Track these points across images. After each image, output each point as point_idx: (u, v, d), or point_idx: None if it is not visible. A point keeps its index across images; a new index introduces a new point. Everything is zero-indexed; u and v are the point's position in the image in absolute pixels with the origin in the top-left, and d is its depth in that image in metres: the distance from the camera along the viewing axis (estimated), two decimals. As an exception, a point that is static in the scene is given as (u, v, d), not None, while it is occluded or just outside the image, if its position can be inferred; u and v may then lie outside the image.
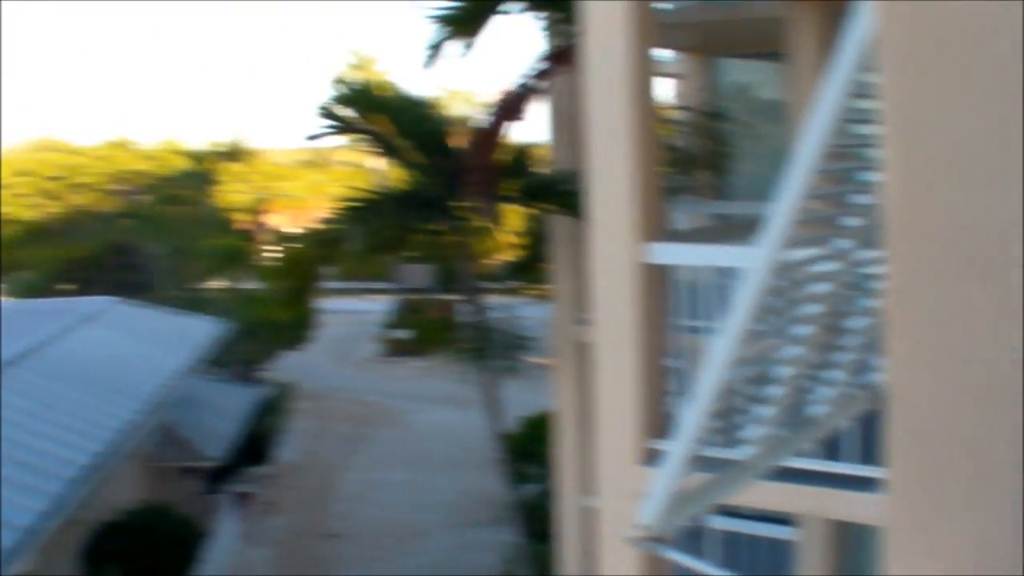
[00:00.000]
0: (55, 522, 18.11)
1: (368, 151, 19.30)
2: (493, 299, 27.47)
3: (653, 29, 8.77)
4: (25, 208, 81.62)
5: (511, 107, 15.47)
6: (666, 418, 8.36)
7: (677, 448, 5.03)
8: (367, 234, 16.85)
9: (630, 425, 8.49)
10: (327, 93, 17.64)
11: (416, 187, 17.81)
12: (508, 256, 43.62)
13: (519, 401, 23.42)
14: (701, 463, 5.04)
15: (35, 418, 22.46)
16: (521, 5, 15.09)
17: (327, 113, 17.26)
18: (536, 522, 23.18)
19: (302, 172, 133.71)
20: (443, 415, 45.97)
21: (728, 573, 10.71)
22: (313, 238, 20.16)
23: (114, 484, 23.40)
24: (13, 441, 20.65)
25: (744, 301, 4.79)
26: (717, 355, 4.93)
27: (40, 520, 17.69)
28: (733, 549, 12.92)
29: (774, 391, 5.25)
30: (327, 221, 19.32)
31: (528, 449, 27.35)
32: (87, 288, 53.49)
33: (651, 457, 8.24)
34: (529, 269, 32.23)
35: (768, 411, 5.28)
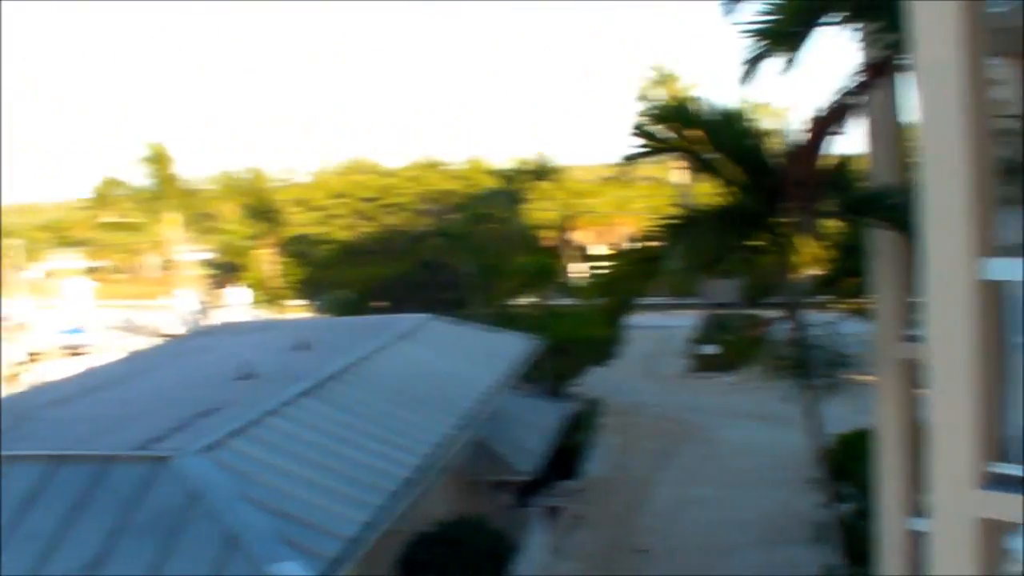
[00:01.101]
0: (376, 533, 18.54)
1: (681, 168, 19.23)
2: (811, 315, 26.85)
3: (985, 34, 8.46)
4: (340, 229, 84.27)
5: (830, 121, 15.16)
6: (1007, 440, 8.04)
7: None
8: (686, 252, 16.74)
9: (967, 447, 8.19)
10: (636, 111, 17.61)
11: (734, 203, 17.57)
12: (817, 270, 42.79)
13: (832, 418, 22.83)
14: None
15: (356, 432, 23.09)
16: (840, 16, 14.76)
17: (640, 132, 17.21)
18: (852, 543, 22.59)
19: (606, 188, 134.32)
20: (752, 431, 45.37)
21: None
22: (632, 256, 20.04)
23: (430, 496, 23.84)
24: (336, 454, 21.31)
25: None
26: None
27: (362, 531, 18.15)
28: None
29: None
30: (646, 239, 19.21)
31: (843, 467, 26.63)
32: (400, 305, 54.89)
33: (991, 480, 7.94)
34: (839, 283, 31.52)
35: None
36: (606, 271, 20.61)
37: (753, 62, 14.90)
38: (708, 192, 24.25)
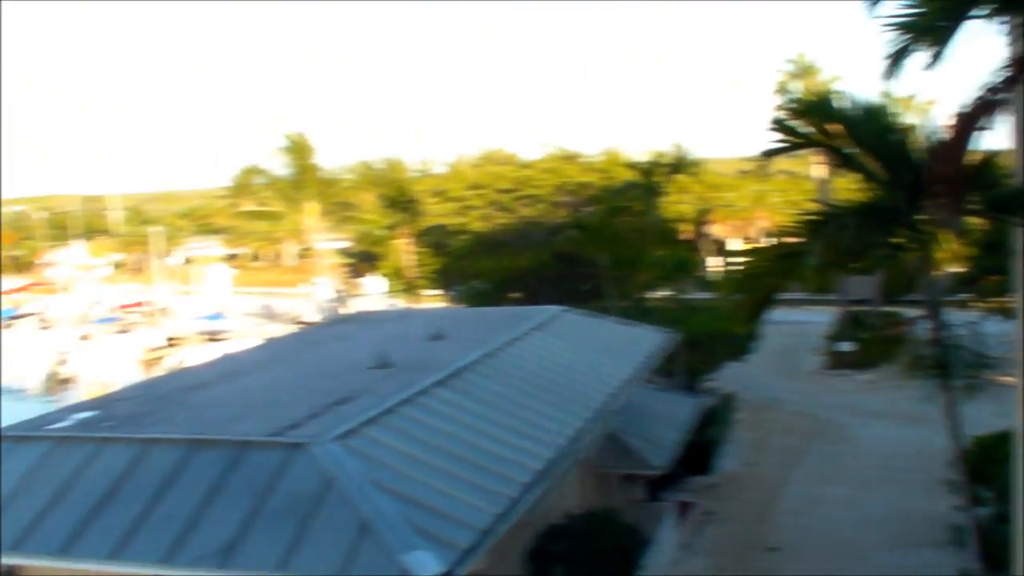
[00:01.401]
0: (507, 524, 18.57)
1: (821, 162, 18.98)
2: (952, 313, 26.33)
3: None
4: (476, 220, 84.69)
5: (975, 117, 14.83)
6: None
7: None
8: (825, 248, 16.52)
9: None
10: (775, 104, 17.42)
11: (876, 199, 17.30)
12: (959, 268, 42.03)
13: (971, 419, 22.33)
14: None
15: (490, 423, 23.15)
16: (988, 10, 14.44)
17: (780, 126, 17.02)
18: (990, 548, 22.15)
19: (743, 182, 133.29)
20: (887, 430, 44.76)
21: None
22: (771, 252, 19.84)
23: (561, 488, 23.84)
24: (470, 444, 21.39)
25: None
26: None
27: (495, 522, 18.19)
28: None
29: None
30: (785, 234, 19.02)
31: (981, 470, 26.11)
32: (534, 297, 55.00)
33: None
34: (981, 282, 30.99)
35: None
36: (744, 266, 20.33)
37: (897, 56, 14.65)
38: (848, 187, 23.91)
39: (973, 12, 14.42)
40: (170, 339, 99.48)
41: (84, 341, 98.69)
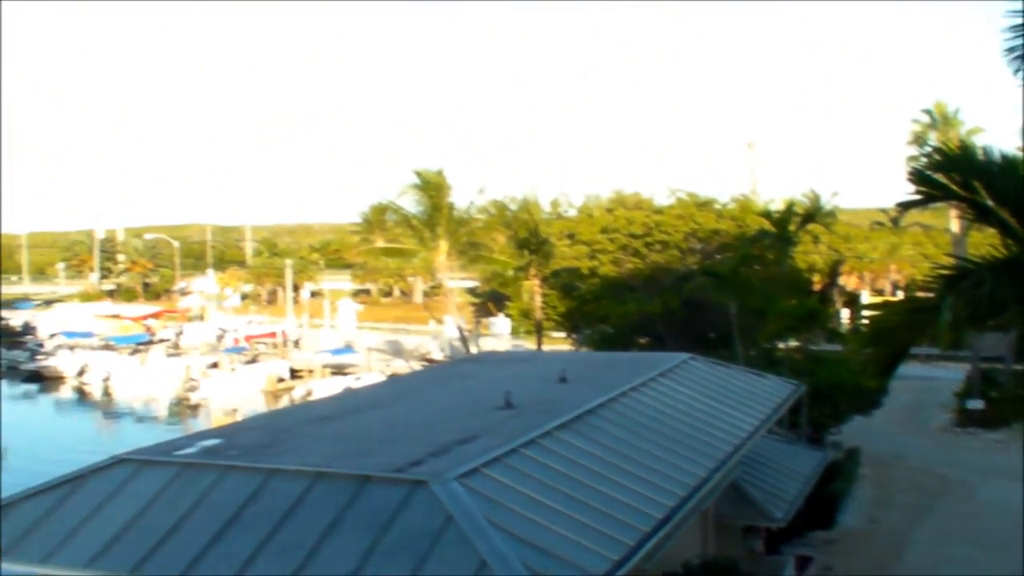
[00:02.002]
0: (625, 571, 18.40)
1: (959, 215, 18.63)
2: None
3: None
4: (606, 264, 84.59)
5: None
6: None
7: None
8: (961, 304, 16.17)
9: None
10: (911, 156, 17.16)
11: (1014, 255, 16.91)
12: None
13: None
14: None
15: (611, 468, 22.99)
16: None
17: (919, 178, 16.74)
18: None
19: (876, 234, 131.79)
20: (1015, 492, 43.70)
21: None
22: (904, 305, 19.53)
23: (680, 537, 23.60)
24: (590, 489, 21.25)
25: None
26: None
27: (612, 568, 18.02)
28: None
29: None
30: (919, 288, 18.73)
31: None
32: (661, 343, 54.81)
33: None
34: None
35: None
36: (875, 319, 19.99)
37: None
38: (985, 242, 23.45)
39: None
40: (297, 371, 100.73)
41: (212, 369, 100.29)
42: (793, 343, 55.89)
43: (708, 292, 56.50)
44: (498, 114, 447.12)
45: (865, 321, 65.45)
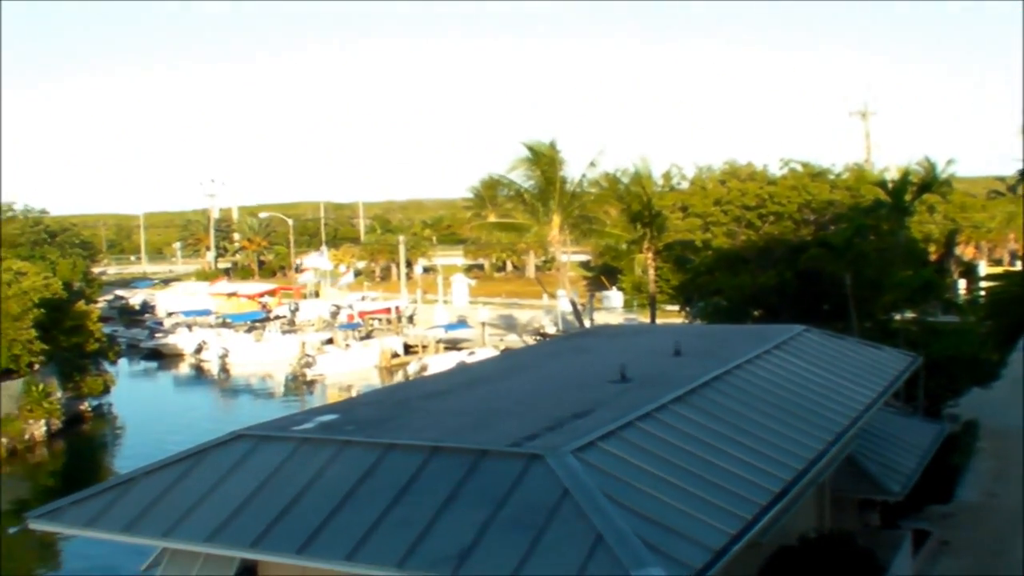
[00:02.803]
0: (741, 545, 18.31)
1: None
2: None
3: None
4: (719, 236, 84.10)
5: None
6: None
7: None
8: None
9: None
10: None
11: None
12: None
13: None
14: None
15: (727, 441, 22.88)
16: None
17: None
18: None
19: (993, 203, 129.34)
20: None
21: None
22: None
23: (796, 510, 23.42)
24: (706, 462, 21.17)
25: None
26: None
27: (728, 542, 17.94)
28: None
29: None
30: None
31: None
32: (775, 315, 54.31)
33: None
34: None
35: None
36: (994, 290, 19.69)
37: None
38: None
39: None
40: (411, 346, 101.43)
41: (328, 346, 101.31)
42: (909, 315, 55.19)
43: (822, 264, 55.88)
44: (609, 86, 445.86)
45: (983, 292, 64.67)
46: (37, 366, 70.27)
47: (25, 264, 75.82)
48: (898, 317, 54.71)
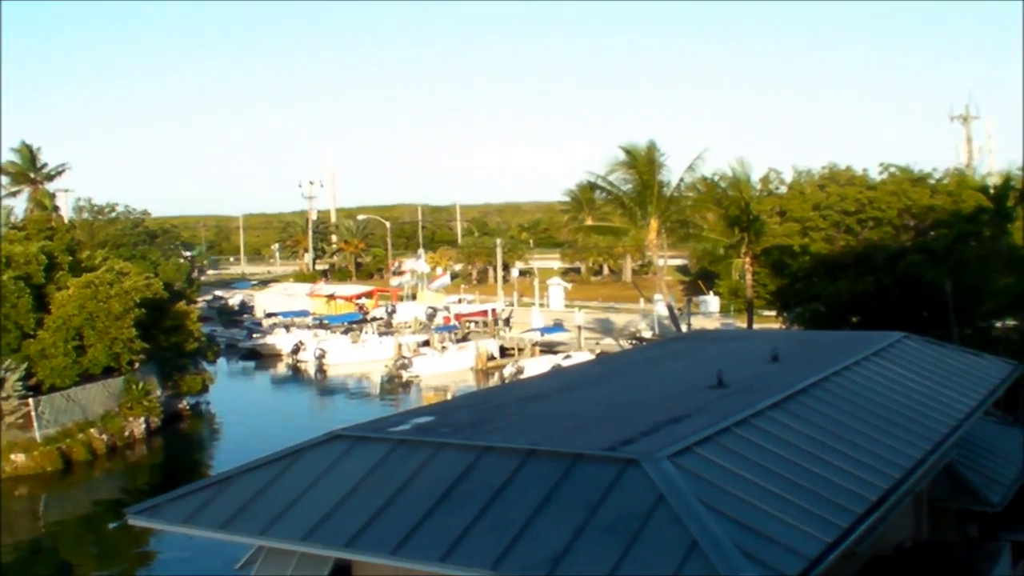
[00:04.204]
0: (837, 554, 18.16)
1: None
2: None
3: None
4: (818, 241, 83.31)
5: None
6: None
7: None
8: None
9: None
10: None
11: None
12: None
13: None
14: None
15: (824, 448, 22.71)
16: None
17: None
18: None
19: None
20: None
21: None
22: None
23: (893, 520, 23.19)
24: (803, 469, 21.02)
25: None
26: None
27: (824, 550, 17.80)
28: None
29: None
30: None
31: None
32: (873, 322, 53.79)
33: None
34: None
35: None
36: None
37: None
38: None
39: None
40: (507, 349, 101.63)
41: (424, 348, 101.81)
42: (1010, 322, 54.40)
43: (922, 270, 55.29)
44: (707, 87, 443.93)
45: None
46: (137, 364, 71.31)
47: (127, 264, 76.89)
48: (999, 324, 53.95)
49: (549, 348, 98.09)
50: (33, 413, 61.35)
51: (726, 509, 17.78)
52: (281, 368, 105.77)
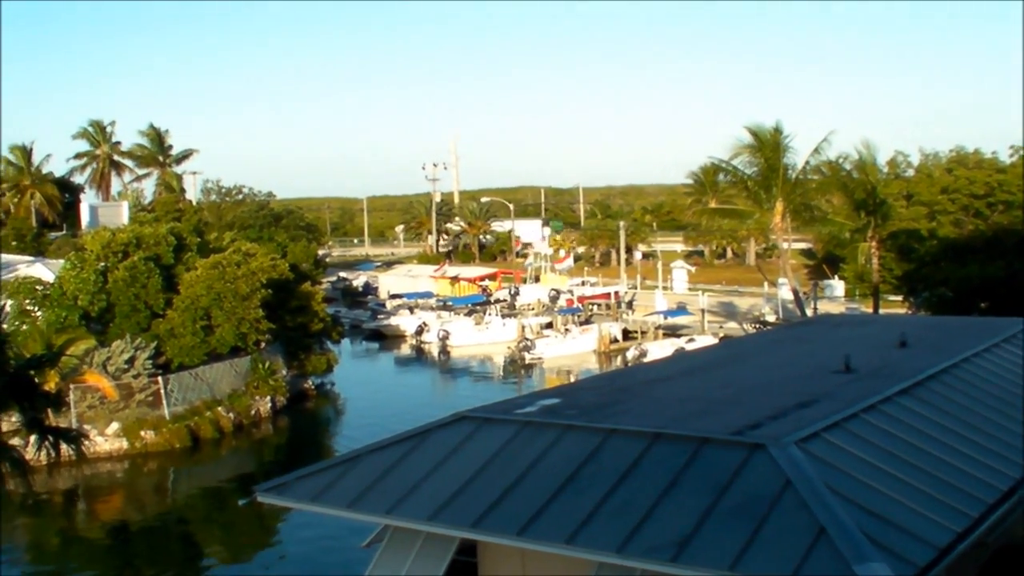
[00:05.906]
0: (967, 544, 17.95)
1: None
2: None
3: None
4: (946, 225, 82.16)
5: None
6: None
7: None
8: None
9: None
10: None
11: None
12: None
13: None
14: None
15: (953, 436, 22.45)
16: None
17: None
18: None
19: None
20: None
21: None
22: None
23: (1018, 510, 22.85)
24: (932, 457, 20.81)
25: None
26: None
27: (954, 540, 17.62)
28: None
29: None
30: None
31: None
32: (1003, 308, 52.85)
33: None
34: None
35: None
36: None
37: None
38: None
39: None
40: (630, 332, 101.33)
41: (547, 330, 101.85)
42: None
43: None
44: (833, 70, 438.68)
45: None
46: (264, 344, 72.15)
47: (253, 246, 77.80)
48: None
49: (672, 331, 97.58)
50: (162, 391, 62.37)
51: (854, 496, 17.68)
52: (405, 349, 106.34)
